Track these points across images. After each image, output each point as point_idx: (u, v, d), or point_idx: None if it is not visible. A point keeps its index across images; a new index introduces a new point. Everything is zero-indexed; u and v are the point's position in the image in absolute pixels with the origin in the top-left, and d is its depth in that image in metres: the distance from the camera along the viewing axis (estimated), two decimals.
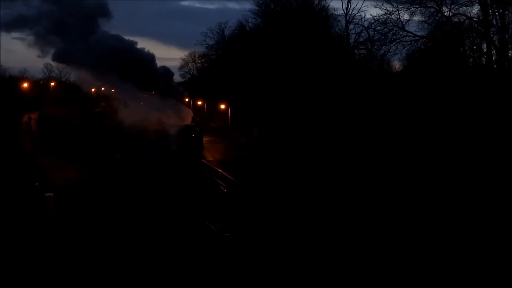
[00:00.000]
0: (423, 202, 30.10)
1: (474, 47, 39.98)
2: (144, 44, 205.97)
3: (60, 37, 47.73)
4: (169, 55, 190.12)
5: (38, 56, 50.18)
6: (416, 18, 41.30)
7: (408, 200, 30.73)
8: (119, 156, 45.74)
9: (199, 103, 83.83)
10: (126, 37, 54.50)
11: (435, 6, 39.60)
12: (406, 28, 41.26)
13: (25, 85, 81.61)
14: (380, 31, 43.20)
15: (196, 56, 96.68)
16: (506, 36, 37.24)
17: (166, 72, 57.06)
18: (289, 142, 48.17)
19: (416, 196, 31.04)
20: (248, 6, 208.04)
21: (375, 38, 45.31)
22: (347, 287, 21.76)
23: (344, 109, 44.51)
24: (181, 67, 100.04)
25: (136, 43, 53.66)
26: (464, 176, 31.77)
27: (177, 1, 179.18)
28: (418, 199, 30.69)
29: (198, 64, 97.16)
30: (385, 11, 41.70)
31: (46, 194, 31.41)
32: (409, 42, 41.20)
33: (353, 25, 50.70)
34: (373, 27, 44.41)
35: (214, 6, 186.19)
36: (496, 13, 37.34)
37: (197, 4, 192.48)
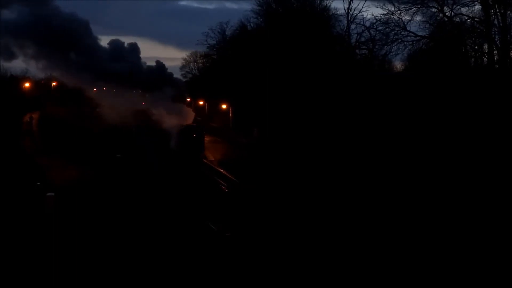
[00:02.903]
0: (424, 202, 30.04)
1: (476, 47, 40.01)
2: (143, 44, 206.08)
3: None
4: (168, 55, 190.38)
5: None
6: (418, 18, 41.42)
7: (408, 199, 30.67)
8: (120, 156, 45.67)
9: (201, 103, 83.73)
10: (126, 37, 50.48)
11: (436, 6, 39.68)
12: (408, 28, 41.37)
13: (27, 85, 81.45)
14: (382, 31, 43.30)
15: (198, 56, 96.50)
16: (508, 36, 37.22)
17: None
18: (289, 142, 48.13)
19: (417, 196, 30.98)
20: (247, 6, 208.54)
21: (377, 38, 45.39)
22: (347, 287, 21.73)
23: (345, 109, 44.46)
24: (182, 67, 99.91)
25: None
26: (465, 175, 31.72)
27: (175, 1, 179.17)
28: (418, 198, 30.63)
29: (200, 64, 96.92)
30: (387, 11, 41.83)
31: (47, 194, 31.35)
32: (411, 42, 41.28)
33: (354, 25, 50.76)
34: (375, 27, 44.50)
35: (213, 6, 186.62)
36: (498, 13, 37.35)
37: (195, 4, 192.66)
